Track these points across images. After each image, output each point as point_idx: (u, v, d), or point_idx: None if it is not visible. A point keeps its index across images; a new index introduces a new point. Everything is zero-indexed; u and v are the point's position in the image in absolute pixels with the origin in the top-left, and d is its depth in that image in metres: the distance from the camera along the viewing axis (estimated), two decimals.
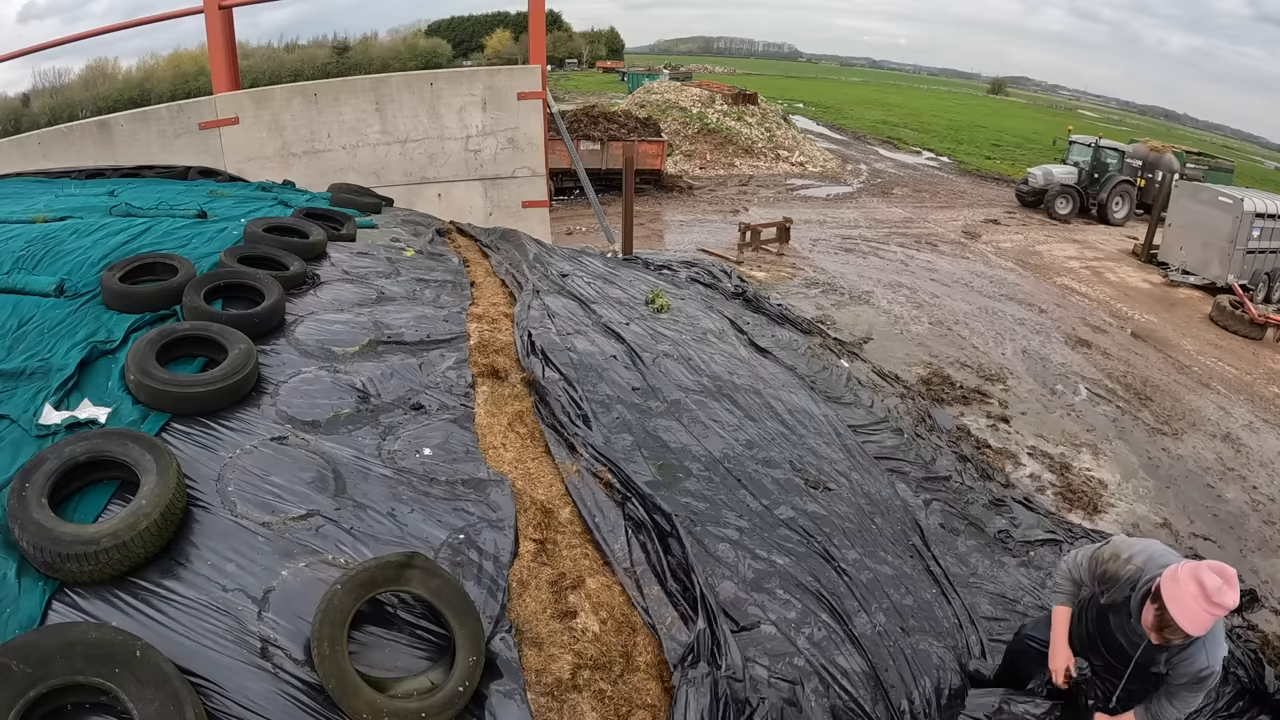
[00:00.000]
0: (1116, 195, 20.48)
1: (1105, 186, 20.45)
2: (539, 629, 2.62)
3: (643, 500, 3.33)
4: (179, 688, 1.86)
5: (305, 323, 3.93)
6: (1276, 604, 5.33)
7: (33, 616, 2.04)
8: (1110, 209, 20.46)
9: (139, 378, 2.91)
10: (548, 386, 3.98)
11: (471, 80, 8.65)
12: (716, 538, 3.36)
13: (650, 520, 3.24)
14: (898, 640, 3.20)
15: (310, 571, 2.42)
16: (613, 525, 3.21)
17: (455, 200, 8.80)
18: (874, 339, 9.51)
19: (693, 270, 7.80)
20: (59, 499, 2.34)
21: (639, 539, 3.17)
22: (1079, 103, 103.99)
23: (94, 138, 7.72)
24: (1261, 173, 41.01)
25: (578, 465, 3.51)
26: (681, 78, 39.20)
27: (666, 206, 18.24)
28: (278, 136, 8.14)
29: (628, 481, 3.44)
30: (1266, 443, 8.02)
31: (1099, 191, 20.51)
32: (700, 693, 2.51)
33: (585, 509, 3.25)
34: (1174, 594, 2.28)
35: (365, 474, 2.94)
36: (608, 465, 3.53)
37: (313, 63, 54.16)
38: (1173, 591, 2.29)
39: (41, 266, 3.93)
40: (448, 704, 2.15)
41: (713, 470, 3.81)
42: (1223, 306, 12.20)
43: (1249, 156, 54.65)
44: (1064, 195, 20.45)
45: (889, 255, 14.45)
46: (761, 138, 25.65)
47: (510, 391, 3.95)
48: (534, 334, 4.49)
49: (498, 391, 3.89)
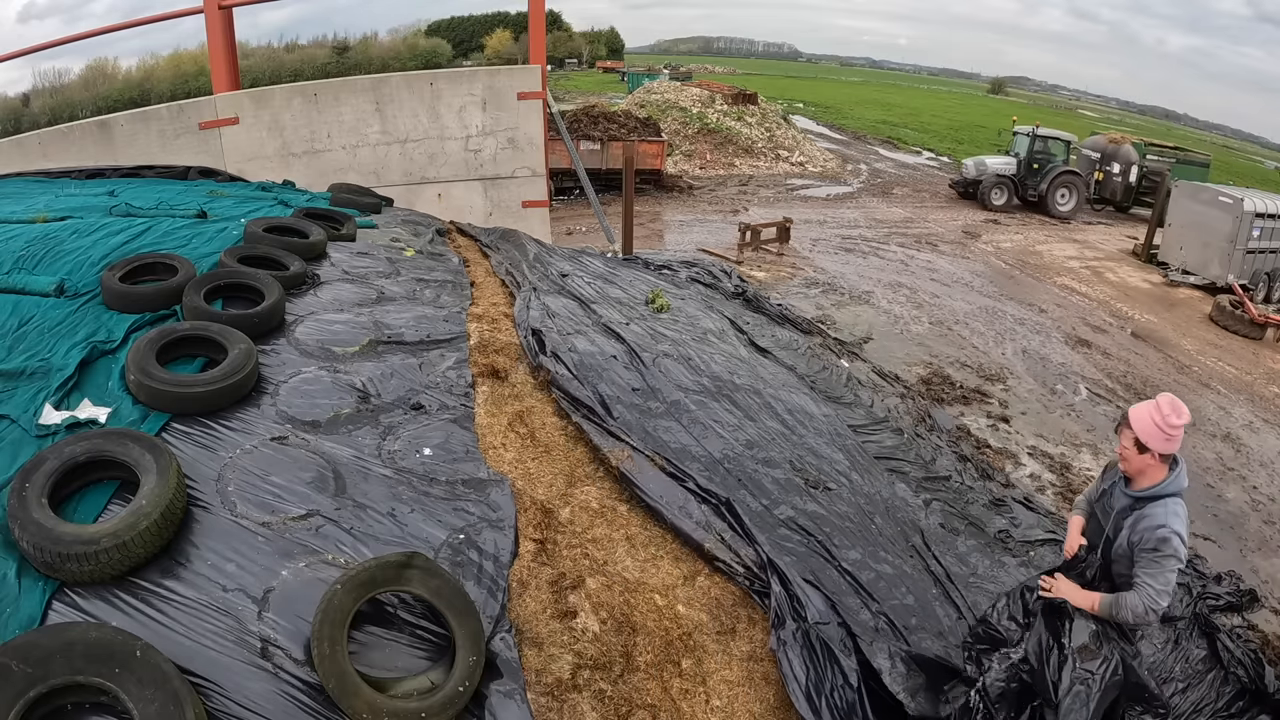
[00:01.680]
0: (1060, 187, 19.65)
1: (1046, 177, 19.62)
2: (539, 629, 2.62)
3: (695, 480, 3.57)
4: (179, 688, 1.86)
5: (305, 323, 3.92)
6: (1276, 604, 5.33)
7: (33, 616, 2.04)
8: (1053, 200, 19.60)
9: (139, 378, 2.91)
10: (570, 381, 4.06)
11: (471, 80, 8.66)
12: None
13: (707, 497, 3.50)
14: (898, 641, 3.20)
15: (310, 571, 2.42)
16: (682, 502, 3.42)
17: (455, 200, 8.80)
18: (874, 339, 9.51)
19: (693, 270, 7.80)
20: (59, 499, 2.34)
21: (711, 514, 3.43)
22: (1079, 102, 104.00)
23: (94, 138, 7.72)
24: (1261, 173, 40.99)
25: (627, 450, 3.61)
26: (681, 78, 39.21)
27: (666, 206, 18.24)
28: (278, 136, 8.14)
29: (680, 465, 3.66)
30: (1266, 443, 8.02)
31: (1038, 182, 19.65)
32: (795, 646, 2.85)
33: (646, 491, 3.42)
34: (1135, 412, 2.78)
35: (365, 474, 2.94)
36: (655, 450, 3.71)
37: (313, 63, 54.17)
38: (1135, 411, 2.79)
39: (42, 266, 3.93)
40: (448, 704, 2.15)
41: (713, 470, 3.81)
42: (1223, 306, 12.19)
43: (1249, 156, 54.66)
44: (999, 186, 19.78)
45: (889, 255, 14.45)
46: (761, 138, 25.65)
47: (510, 391, 3.95)
48: (542, 333, 4.50)
49: (498, 391, 3.89)
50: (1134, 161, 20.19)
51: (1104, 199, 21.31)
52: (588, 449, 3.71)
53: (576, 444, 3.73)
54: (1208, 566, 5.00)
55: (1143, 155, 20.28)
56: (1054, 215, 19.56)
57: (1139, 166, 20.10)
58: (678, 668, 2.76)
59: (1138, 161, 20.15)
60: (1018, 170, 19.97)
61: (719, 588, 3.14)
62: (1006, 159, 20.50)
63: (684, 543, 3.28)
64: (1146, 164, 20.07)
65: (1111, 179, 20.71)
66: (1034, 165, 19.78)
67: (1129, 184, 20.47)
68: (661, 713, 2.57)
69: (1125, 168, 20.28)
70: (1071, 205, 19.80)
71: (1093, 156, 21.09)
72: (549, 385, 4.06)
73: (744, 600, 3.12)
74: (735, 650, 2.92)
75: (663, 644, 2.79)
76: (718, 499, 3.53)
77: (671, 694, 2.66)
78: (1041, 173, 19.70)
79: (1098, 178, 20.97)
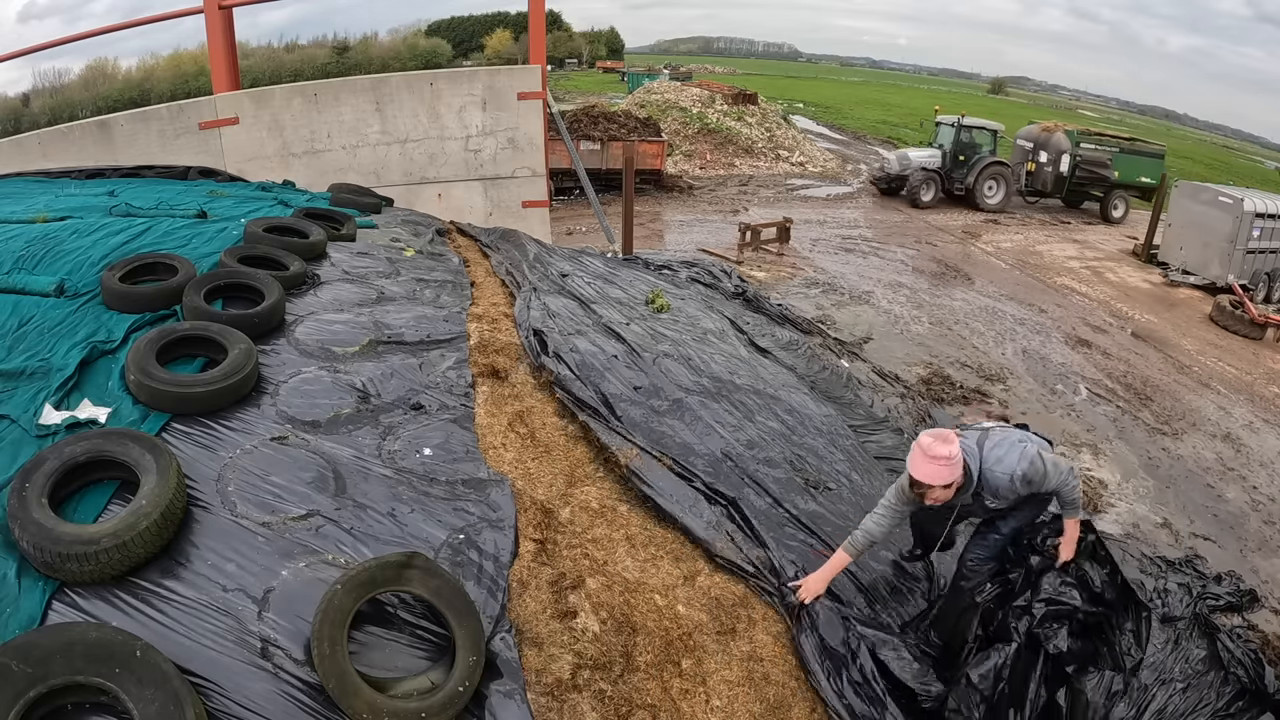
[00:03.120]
0: (988, 179, 18.71)
1: (973, 169, 18.56)
2: (539, 629, 2.62)
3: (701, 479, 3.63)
4: (179, 688, 1.86)
5: (305, 323, 3.92)
6: (1276, 604, 5.33)
7: (33, 616, 2.04)
8: (980, 193, 18.67)
9: (139, 378, 2.91)
10: (573, 381, 4.08)
11: (471, 80, 8.65)
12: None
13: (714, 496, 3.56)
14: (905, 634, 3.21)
15: (310, 571, 2.42)
16: (691, 502, 3.47)
17: (455, 200, 8.80)
18: (874, 339, 9.51)
19: (693, 270, 7.80)
20: (59, 499, 2.34)
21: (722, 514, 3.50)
22: (1079, 102, 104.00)
23: (94, 138, 7.72)
24: (1261, 173, 40.98)
25: (635, 450, 3.63)
26: (681, 78, 39.18)
27: (666, 206, 18.24)
28: (278, 136, 8.14)
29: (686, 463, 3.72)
30: (1266, 443, 8.01)
31: (965, 174, 18.65)
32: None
33: (656, 490, 3.47)
34: (910, 461, 2.92)
35: (365, 474, 2.94)
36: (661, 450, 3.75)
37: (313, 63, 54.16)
38: (910, 460, 2.94)
39: (41, 266, 3.93)
40: (448, 704, 2.15)
41: (717, 469, 3.81)
42: (1223, 306, 12.19)
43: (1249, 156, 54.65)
44: (927, 181, 18.57)
45: (889, 255, 14.45)
46: (761, 138, 25.65)
47: (510, 391, 3.95)
48: (544, 333, 4.51)
49: (498, 391, 3.89)
50: (1065, 150, 19.04)
51: (1036, 191, 20.23)
52: (588, 448, 3.72)
53: (576, 444, 3.73)
54: (1208, 566, 5.00)
55: (1076, 144, 19.11)
56: (982, 209, 18.68)
57: (1071, 155, 18.99)
58: (678, 668, 2.76)
59: (1069, 150, 19.02)
60: (943, 163, 18.88)
61: (719, 588, 3.14)
62: (930, 151, 19.30)
63: (692, 542, 3.30)
64: (1081, 153, 19.01)
65: (1042, 169, 19.60)
66: (960, 157, 18.71)
67: (1060, 174, 19.31)
68: (661, 713, 2.57)
69: (1055, 157, 19.17)
70: (1000, 198, 18.92)
71: (1026, 146, 20.05)
72: (551, 385, 4.07)
73: (744, 600, 3.12)
74: (735, 650, 2.92)
75: (663, 644, 2.79)
76: (724, 498, 3.56)
77: (671, 694, 2.66)
78: (968, 164, 18.61)
79: (1029, 168, 19.90)
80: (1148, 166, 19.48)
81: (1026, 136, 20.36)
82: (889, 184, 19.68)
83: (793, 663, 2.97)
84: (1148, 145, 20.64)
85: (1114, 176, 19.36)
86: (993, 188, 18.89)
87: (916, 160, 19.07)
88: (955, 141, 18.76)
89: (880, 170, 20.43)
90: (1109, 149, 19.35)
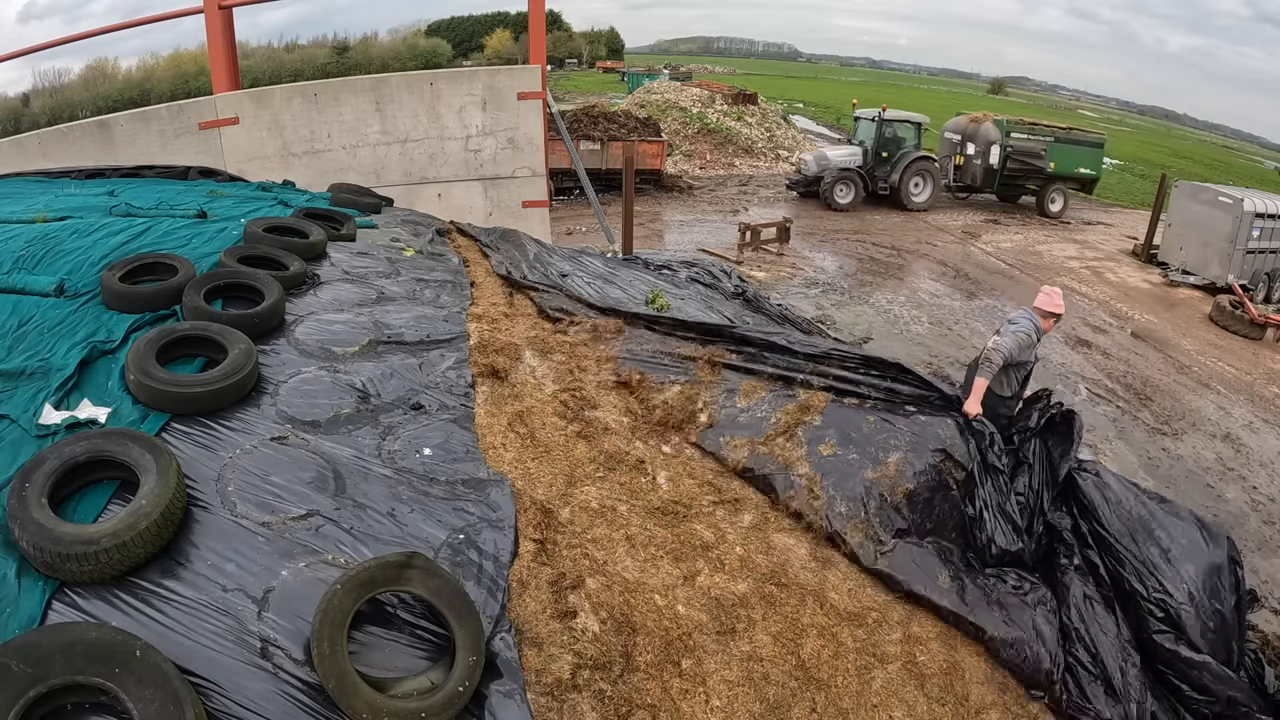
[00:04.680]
0: (915, 175, 17.69)
1: (896, 166, 17.49)
2: (539, 629, 2.62)
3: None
4: (179, 688, 1.86)
5: (305, 323, 3.92)
6: (1276, 604, 5.33)
7: (33, 616, 2.04)
8: (907, 191, 17.69)
9: (139, 378, 2.91)
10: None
11: (471, 80, 8.65)
12: None
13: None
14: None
15: (310, 571, 2.42)
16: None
17: (455, 200, 8.79)
18: (874, 339, 9.51)
19: (693, 270, 7.80)
20: (59, 499, 2.34)
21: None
22: (1079, 102, 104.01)
23: (94, 138, 7.72)
24: (1261, 173, 40.98)
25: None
26: (681, 78, 39.19)
27: (666, 206, 18.24)
28: (278, 136, 8.14)
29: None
30: (1266, 443, 8.02)
31: (889, 172, 17.61)
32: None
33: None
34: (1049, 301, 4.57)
35: (365, 474, 2.94)
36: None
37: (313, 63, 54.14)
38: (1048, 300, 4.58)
39: (41, 266, 3.93)
40: (448, 704, 2.15)
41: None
42: (1223, 306, 12.20)
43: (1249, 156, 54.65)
44: (843, 181, 17.47)
45: (889, 255, 14.45)
46: (761, 138, 25.66)
47: (510, 391, 3.95)
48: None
49: (498, 391, 3.89)
50: (994, 141, 18.14)
51: (966, 186, 19.34)
52: (588, 448, 3.72)
53: (576, 443, 3.73)
54: None
55: (1006, 134, 18.21)
56: (910, 208, 17.76)
57: (1002, 147, 18.10)
58: (678, 668, 2.76)
59: (998, 140, 18.12)
60: (865, 161, 17.79)
61: (719, 588, 3.14)
62: (851, 149, 18.26)
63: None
64: (1012, 143, 18.14)
65: (971, 163, 18.65)
66: (882, 154, 17.64)
67: (989, 166, 18.39)
68: (661, 713, 2.57)
69: (984, 149, 18.23)
70: (926, 195, 18.05)
71: (953, 139, 19.10)
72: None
73: (744, 601, 3.12)
74: (735, 650, 2.92)
75: (663, 644, 2.79)
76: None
77: (671, 694, 2.66)
78: (892, 161, 17.59)
79: (958, 162, 18.99)
80: (1086, 157, 18.68)
81: (954, 128, 19.39)
82: (807, 186, 18.40)
83: (793, 663, 2.97)
84: (1086, 134, 19.84)
85: (1049, 168, 18.51)
86: (919, 184, 17.97)
87: (835, 159, 18.00)
88: (877, 137, 17.69)
89: (797, 172, 19.07)
90: (1042, 139, 18.51)
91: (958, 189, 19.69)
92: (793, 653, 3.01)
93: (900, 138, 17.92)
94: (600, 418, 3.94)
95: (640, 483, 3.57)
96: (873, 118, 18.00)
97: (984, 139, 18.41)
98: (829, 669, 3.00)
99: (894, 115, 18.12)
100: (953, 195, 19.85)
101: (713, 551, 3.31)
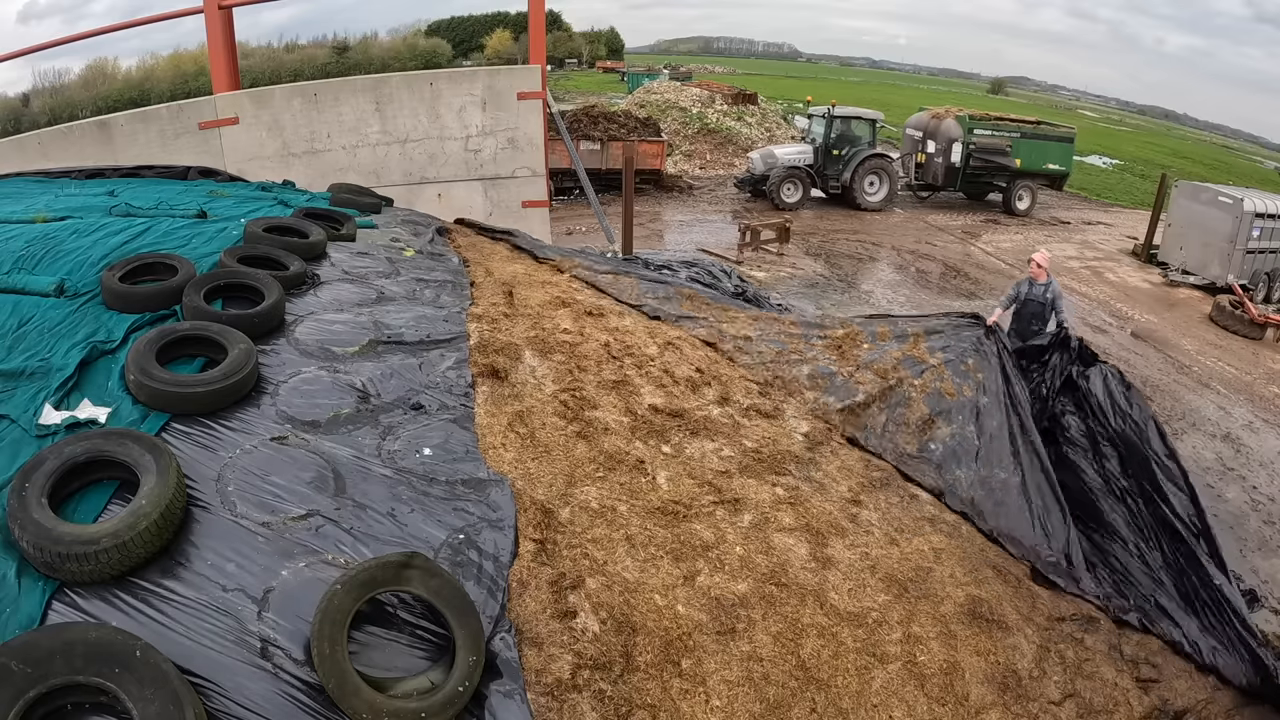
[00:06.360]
0: (868, 174, 17.10)
1: (849, 164, 16.90)
2: (539, 629, 2.62)
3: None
4: (179, 688, 1.86)
5: (305, 323, 3.92)
6: (1276, 604, 5.33)
7: (32, 616, 2.04)
8: (860, 190, 17.11)
9: (139, 378, 2.91)
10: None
11: (471, 80, 8.66)
12: None
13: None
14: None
15: (310, 571, 2.42)
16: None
17: (455, 200, 8.80)
18: None
19: (693, 270, 7.80)
20: (59, 499, 2.34)
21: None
22: (1079, 102, 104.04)
23: (94, 138, 7.72)
24: (1261, 173, 41.00)
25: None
26: (681, 78, 39.21)
27: (666, 206, 18.24)
28: (278, 136, 8.14)
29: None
30: (1266, 443, 8.02)
31: (841, 170, 17.04)
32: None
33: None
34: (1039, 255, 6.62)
35: (365, 474, 2.94)
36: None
37: (313, 63, 54.10)
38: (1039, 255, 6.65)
39: (41, 266, 3.93)
40: (448, 704, 2.15)
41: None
42: (1223, 306, 12.20)
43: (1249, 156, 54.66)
44: (790, 180, 17.01)
45: (889, 255, 14.45)
46: (761, 138, 25.65)
47: (510, 391, 3.95)
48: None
49: (498, 391, 3.89)
50: (955, 138, 17.67)
51: (928, 184, 18.83)
52: (588, 448, 3.72)
53: (576, 443, 3.73)
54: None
55: (969, 130, 17.66)
56: (864, 207, 17.13)
57: (964, 144, 17.62)
58: (678, 668, 2.76)
59: (959, 138, 17.61)
60: (815, 159, 17.27)
61: (719, 588, 3.14)
62: (801, 147, 17.75)
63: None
64: (975, 140, 17.61)
65: (932, 160, 18.15)
66: (834, 151, 17.07)
67: (950, 164, 17.92)
68: (661, 713, 2.57)
69: (945, 146, 17.77)
70: (883, 194, 17.38)
71: (915, 136, 18.65)
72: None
73: (744, 601, 3.12)
74: (735, 650, 2.92)
75: (662, 644, 2.79)
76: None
77: (671, 694, 2.66)
78: (844, 159, 17.05)
79: (919, 160, 18.52)
80: (1055, 152, 18.18)
81: (915, 125, 18.87)
82: (754, 185, 17.91)
83: (793, 663, 2.97)
84: (1055, 129, 19.28)
85: (1015, 165, 18.02)
86: (874, 183, 17.35)
87: (782, 158, 17.40)
88: (826, 134, 17.11)
89: (745, 171, 18.54)
90: (1007, 134, 17.99)
91: (919, 188, 19.16)
92: (793, 653, 3.01)
93: (855, 135, 17.35)
94: (600, 418, 3.94)
95: (640, 483, 3.57)
96: (823, 114, 17.44)
97: (945, 136, 17.91)
98: (829, 669, 3.00)
99: (845, 111, 17.63)
100: (914, 194, 19.34)
101: (713, 551, 3.31)
